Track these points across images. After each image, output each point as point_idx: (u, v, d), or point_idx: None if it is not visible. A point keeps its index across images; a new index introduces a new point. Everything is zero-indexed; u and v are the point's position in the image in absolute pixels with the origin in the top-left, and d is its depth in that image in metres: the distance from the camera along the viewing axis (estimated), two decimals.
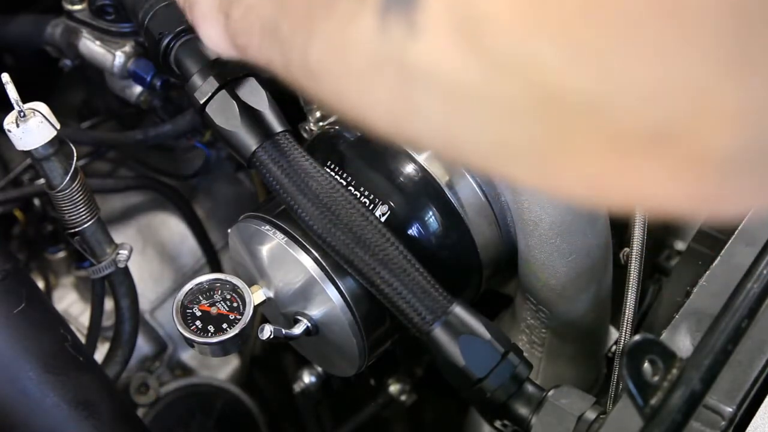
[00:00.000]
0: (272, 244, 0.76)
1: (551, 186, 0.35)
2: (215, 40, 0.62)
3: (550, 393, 0.68)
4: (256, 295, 0.78)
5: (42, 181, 0.84)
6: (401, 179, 0.77)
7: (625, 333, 0.74)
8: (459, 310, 0.67)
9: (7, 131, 0.77)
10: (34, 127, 0.77)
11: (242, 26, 0.56)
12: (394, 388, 1.20)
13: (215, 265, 1.25)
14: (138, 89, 1.05)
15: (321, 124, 0.86)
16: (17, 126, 0.76)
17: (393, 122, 0.39)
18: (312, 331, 0.77)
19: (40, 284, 1.17)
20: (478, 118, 0.34)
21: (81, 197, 0.83)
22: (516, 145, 0.33)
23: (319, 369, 1.17)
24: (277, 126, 0.73)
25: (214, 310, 0.77)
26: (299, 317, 0.77)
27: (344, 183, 0.77)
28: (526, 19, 0.29)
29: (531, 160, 0.34)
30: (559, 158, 0.32)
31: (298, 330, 0.77)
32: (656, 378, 0.53)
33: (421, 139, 0.38)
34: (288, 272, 0.76)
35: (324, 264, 0.74)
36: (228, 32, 0.60)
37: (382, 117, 0.40)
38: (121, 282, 0.95)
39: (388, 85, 0.38)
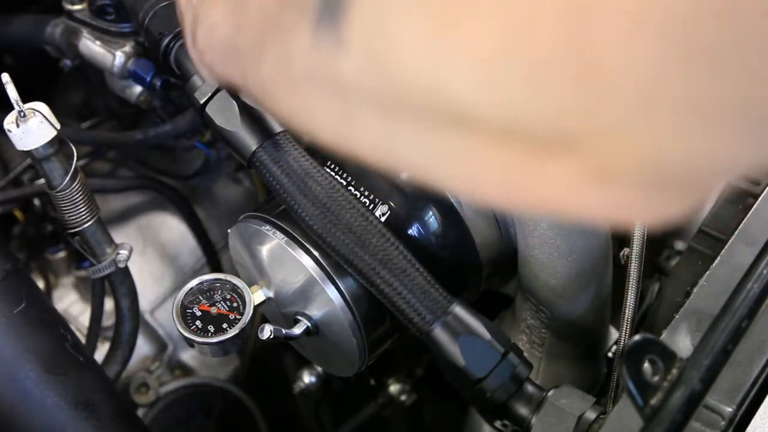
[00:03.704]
0: (272, 244, 0.76)
1: (477, 194, 0.37)
2: (192, 59, 0.64)
3: (550, 393, 0.68)
4: (256, 295, 0.78)
5: (42, 181, 0.84)
6: (401, 179, 0.77)
7: (625, 333, 0.74)
8: (459, 310, 0.67)
9: (7, 131, 0.77)
10: (34, 127, 0.77)
11: (206, 45, 0.58)
12: (394, 388, 1.20)
13: (215, 265, 1.25)
14: (138, 89, 1.05)
15: None
16: (17, 126, 0.76)
17: (335, 135, 0.41)
18: (312, 331, 0.77)
19: (40, 284, 1.17)
20: (403, 134, 0.36)
21: (81, 197, 0.83)
22: (439, 158, 0.36)
23: (319, 369, 1.17)
24: (277, 126, 0.73)
25: (214, 310, 0.77)
26: (299, 317, 0.77)
27: (344, 183, 0.77)
28: (437, 49, 0.31)
29: (454, 171, 0.36)
30: (477, 169, 0.34)
31: (298, 330, 0.77)
32: (656, 378, 0.53)
33: (363, 152, 0.40)
34: (288, 272, 0.76)
35: (324, 264, 0.74)
36: (197, 52, 0.61)
37: (324, 130, 0.41)
38: (121, 282, 0.95)
39: (324, 99, 0.39)
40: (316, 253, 0.74)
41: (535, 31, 0.28)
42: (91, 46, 1.02)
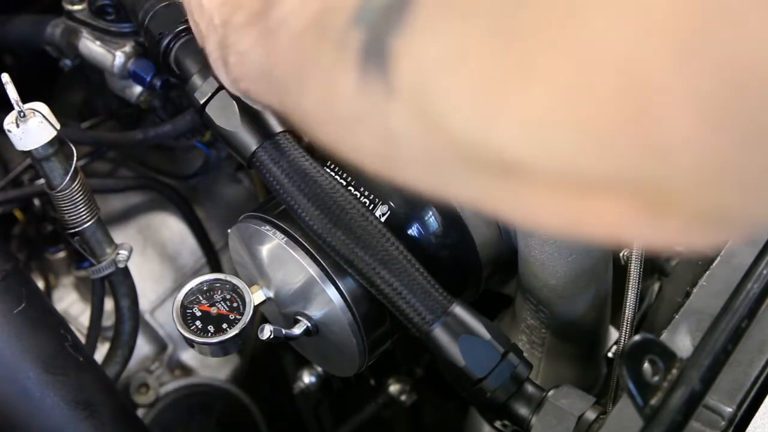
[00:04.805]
0: (272, 244, 0.76)
1: (529, 225, 0.38)
2: (223, 81, 0.64)
3: (550, 393, 0.68)
4: (256, 295, 0.78)
5: (42, 181, 0.84)
6: None
7: (625, 333, 0.74)
8: (459, 310, 0.67)
9: (7, 131, 0.77)
10: (34, 128, 0.77)
11: (239, 73, 0.58)
12: (394, 388, 1.20)
13: (215, 265, 1.25)
14: (138, 89, 1.05)
15: None
16: (17, 126, 0.76)
17: (381, 167, 0.42)
18: (312, 331, 0.77)
19: (40, 284, 1.17)
20: (453, 175, 0.37)
21: (81, 197, 0.83)
22: (490, 197, 0.37)
23: (319, 369, 1.17)
24: (277, 126, 0.73)
25: (214, 310, 0.77)
26: (299, 317, 0.77)
27: (344, 183, 0.77)
28: (488, 108, 0.32)
29: (505, 207, 0.37)
30: (528, 207, 0.35)
31: (298, 330, 0.77)
32: (656, 378, 0.53)
33: (410, 183, 0.41)
34: (288, 272, 0.76)
35: (324, 264, 0.74)
36: (229, 77, 0.61)
37: (370, 162, 0.43)
38: (121, 282, 0.95)
39: (372, 136, 0.40)
40: (316, 253, 0.74)
41: (594, 101, 0.29)
42: (91, 46, 1.02)
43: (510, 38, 0.31)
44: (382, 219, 0.75)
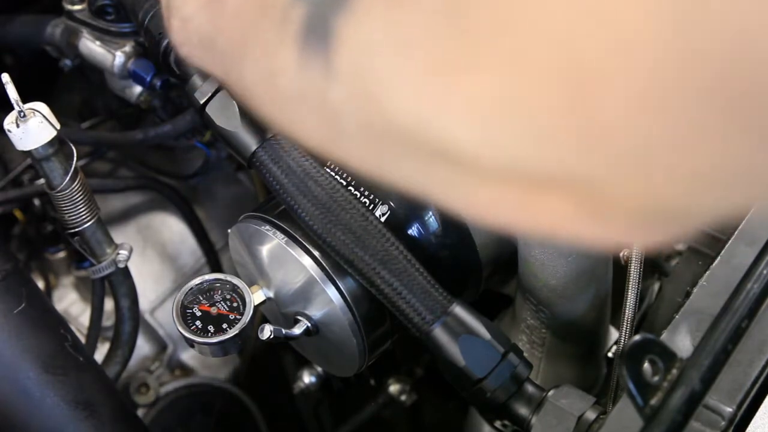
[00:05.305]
0: (272, 244, 0.76)
1: (470, 216, 0.38)
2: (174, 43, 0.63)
3: (550, 393, 0.68)
4: (256, 295, 0.78)
5: (42, 181, 0.84)
6: None
7: (625, 333, 0.74)
8: (459, 310, 0.67)
9: (7, 131, 0.77)
10: (34, 127, 0.77)
11: (182, 37, 0.57)
12: (394, 388, 1.20)
13: (215, 265, 1.25)
14: (138, 89, 1.05)
15: None
16: (17, 126, 0.76)
17: (322, 146, 0.41)
18: (312, 331, 0.77)
19: (40, 284, 1.17)
20: (394, 158, 0.36)
21: (81, 197, 0.83)
22: (431, 183, 0.36)
23: (319, 369, 1.17)
24: None
25: (214, 310, 0.77)
26: (299, 317, 0.77)
27: (344, 183, 0.77)
28: (430, 94, 0.31)
29: (447, 195, 0.36)
30: (471, 197, 0.34)
31: (298, 330, 0.77)
32: (656, 378, 0.53)
33: (350, 164, 0.40)
34: (288, 272, 0.76)
35: (324, 264, 0.74)
36: (174, 40, 0.60)
37: (311, 140, 0.42)
38: (121, 282, 0.95)
39: (312, 115, 0.39)
40: (316, 253, 0.74)
41: (536, 87, 0.28)
42: (91, 46, 1.02)
43: (454, 24, 0.30)
44: (382, 219, 0.75)
